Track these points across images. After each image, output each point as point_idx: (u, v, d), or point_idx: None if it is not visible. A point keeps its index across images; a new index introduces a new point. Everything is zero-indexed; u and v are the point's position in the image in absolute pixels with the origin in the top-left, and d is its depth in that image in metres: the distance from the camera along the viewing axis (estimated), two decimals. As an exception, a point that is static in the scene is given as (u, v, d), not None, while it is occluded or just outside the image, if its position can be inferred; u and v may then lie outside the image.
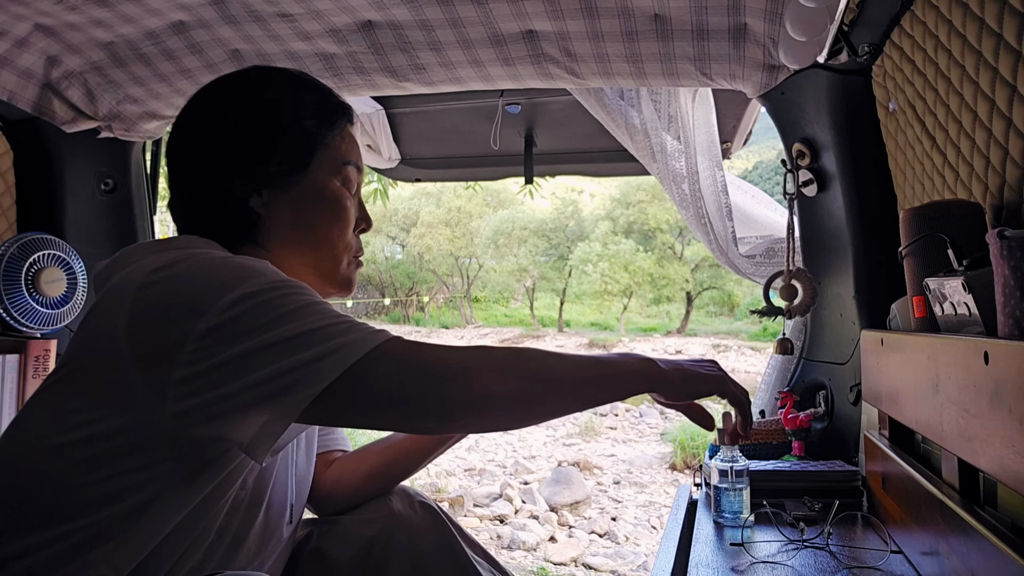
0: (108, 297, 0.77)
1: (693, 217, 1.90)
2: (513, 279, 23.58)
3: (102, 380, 0.72)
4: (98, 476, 0.71)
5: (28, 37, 1.56)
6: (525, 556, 4.28)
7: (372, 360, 0.71)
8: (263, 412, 0.71)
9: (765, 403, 1.84)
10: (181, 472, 0.74)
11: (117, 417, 0.72)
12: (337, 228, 0.93)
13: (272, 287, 0.73)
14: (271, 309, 0.71)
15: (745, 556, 1.10)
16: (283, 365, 0.69)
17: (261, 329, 0.70)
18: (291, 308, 0.72)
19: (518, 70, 1.61)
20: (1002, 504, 0.79)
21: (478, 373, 0.73)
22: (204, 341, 0.69)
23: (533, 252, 22.08)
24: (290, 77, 0.95)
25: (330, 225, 0.92)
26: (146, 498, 0.73)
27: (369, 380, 0.71)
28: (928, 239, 1.01)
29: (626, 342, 18.70)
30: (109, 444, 0.71)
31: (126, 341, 0.71)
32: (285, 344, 0.70)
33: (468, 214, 23.29)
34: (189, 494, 0.76)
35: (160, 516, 0.75)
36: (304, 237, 0.91)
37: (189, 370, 0.69)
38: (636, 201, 20.65)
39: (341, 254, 0.94)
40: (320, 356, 0.69)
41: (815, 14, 1.26)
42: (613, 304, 21.38)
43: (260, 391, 0.69)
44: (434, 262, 24.38)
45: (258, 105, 0.91)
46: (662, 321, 22.34)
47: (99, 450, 0.71)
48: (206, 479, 0.76)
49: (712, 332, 20.31)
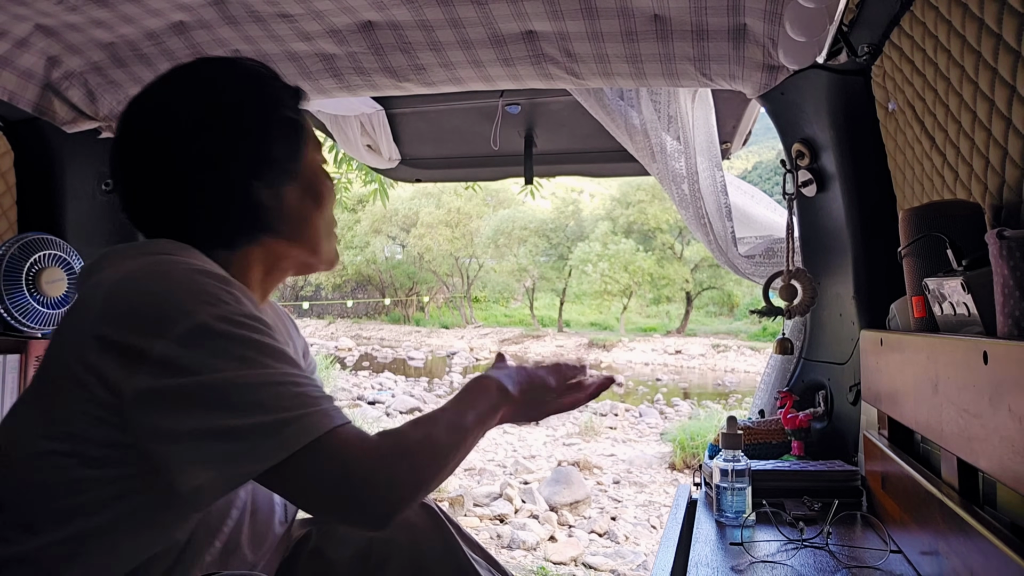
0: (81, 301, 0.77)
1: (693, 217, 1.90)
2: (513, 279, 23.58)
3: (71, 387, 0.72)
4: (75, 486, 0.72)
5: (29, 37, 1.56)
6: (525, 556, 4.28)
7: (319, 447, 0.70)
8: (208, 469, 0.70)
9: (765, 403, 1.84)
10: (148, 488, 0.74)
11: (87, 427, 0.72)
12: (325, 207, 0.96)
13: (234, 320, 0.73)
14: (232, 346, 0.71)
15: (745, 556, 1.10)
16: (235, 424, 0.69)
17: (219, 368, 0.70)
18: (251, 352, 0.72)
19: (518, 70, 1.61)
20: (1001, 504, 0.79)
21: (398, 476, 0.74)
22: (166, 358, 0.69)
23: (533, 252, 22.08)
24: (248, 66, 0.93)
25: (322, 204, 0.95)
26: (122, 511, 0.73)
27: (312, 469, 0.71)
28: (927, 239, 1.01)
29: (626, 342, 18.71)
30: (81, 454, 0.72)
31: (94, 347, 0.71)
32: (242, 394, 0.69)
33: (468, 214, 23.29)
34: (162, 510, 0.76)
35: (137, 531, 0.75)
36: (304, 221, 0.93)
37: (147, 385, 0.69)
38: (636, 201, 20.65)
39: (327, 228, 0.97)
40: (273, 428, 0.69)
41: (814, 14, 1.26)
42: (613, 304, 21.38)
43: (209, 449, 0.69)
44: (434, 262, 24.38)
45: (246, 98, 0.89)
46: (662, 321, 22.34)
47: (72, 459, 0.72)
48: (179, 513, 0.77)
49: (712, 332, 20.31)
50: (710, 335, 19.70)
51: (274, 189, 0.89)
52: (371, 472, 0.72)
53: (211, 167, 0.86)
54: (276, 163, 0.89)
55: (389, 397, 9.84)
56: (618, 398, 10.97)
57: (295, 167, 0.92)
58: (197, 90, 0.88)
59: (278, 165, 0.90)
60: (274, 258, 0.93)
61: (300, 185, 0.92)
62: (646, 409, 9.67)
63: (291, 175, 0.91)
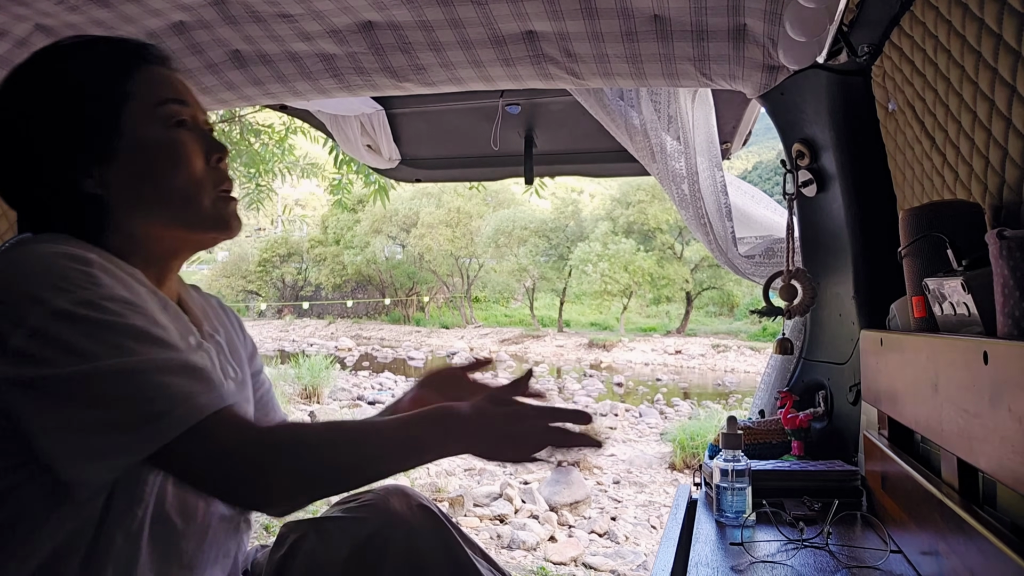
0: None
1: (693, 217, 1.90)
2: (513, 279, 23.57)
3: None
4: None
5: (29, 38, 1.56)
6: (525, 556, 4.28)
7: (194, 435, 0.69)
8: (85, 461, 0.69)
9: (765, 403, 1.84)
10: (44, 485, 0.72)
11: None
12: (177, 171, 0.86)
13: (96, 304, 0.71)
14: (96, 332, 0.69)
15: (745, 555, 1.10)
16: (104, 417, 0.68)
17: (82, 357, 0.68)
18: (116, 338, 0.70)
19: (518, 70, 1.61)
20: (1001, 504, 0.79)
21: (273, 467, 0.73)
22: (24, 350, 0.68)
23: (533, 252, 22.07)
24: (70, 45, 0.88)
25: (168, 171, 0.86)
26: (21, 499, 0.72)
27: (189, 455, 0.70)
28: (927, 239, 1.01)
29: (626, 342, 18.71)
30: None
31: None
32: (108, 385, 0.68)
33: (468, 214, 23.29)
34: (66, 510, 0.74)
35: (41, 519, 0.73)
36: (153, 196, 0.86)
37: (13, 375, 0.68)
38: (636, 201, 20.64)
39: (195, 194, 0.87)
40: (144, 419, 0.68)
41: (815, 15, 1.26)
42: (613, 304, 21.37)
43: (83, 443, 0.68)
44: (434, 262, 24.38)
45: (46, 87, 0.84)
46: (662, 321, 22.34)
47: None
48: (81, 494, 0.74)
49: (712, 332, 20.31)
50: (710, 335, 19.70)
51: (97, 177, 0.84)
52: (243, 459, 0.72)
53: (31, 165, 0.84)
54: (91, 150, 0.83)
55: (389, 397, 9.84)
56: (618, 398, 10.97)
57: (114, 146, 0.84)
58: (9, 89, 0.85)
59: (93, 151, 0.84)
60: (146, 240, 0.87)
61: (128, 164, 0.84)
62: (646, 409, 9.66)
63: (110, 158, 0.84)
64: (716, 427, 5.85)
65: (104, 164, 0.84)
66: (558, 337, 20.27)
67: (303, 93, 1.78)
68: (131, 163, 0.85)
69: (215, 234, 0.90)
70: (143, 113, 0.86)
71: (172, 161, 0.86)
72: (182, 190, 0.86)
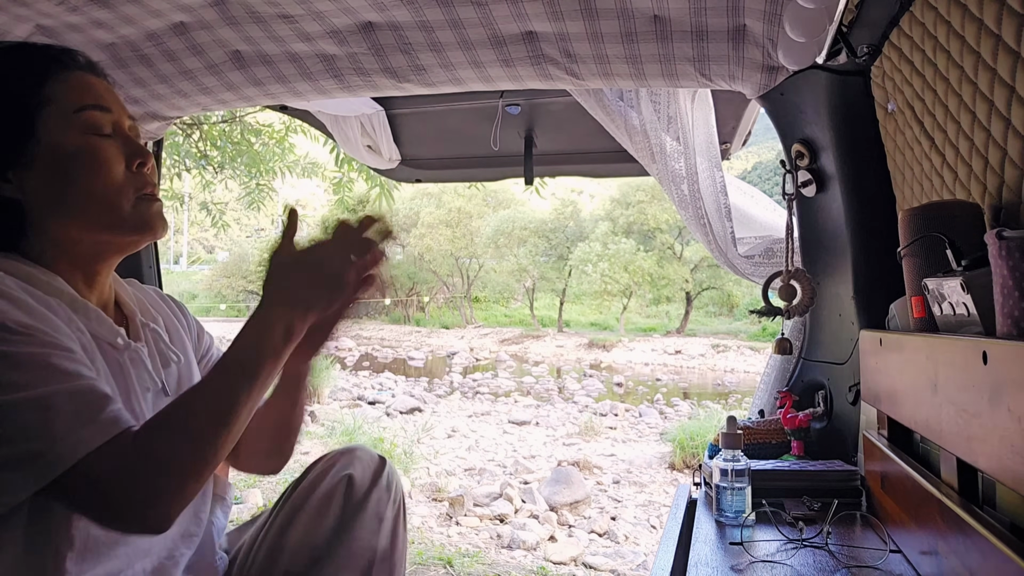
0: None
1: (692, 218, 1.90)
2: (513, 279, 23.57)
3: None
4: None
5: (29, 38, 1.56)
6: (525, 555, 4.28)
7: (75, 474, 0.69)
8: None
9: (764, 403, 1.84)
10: None
11: None
12: (94, 176, 0.86)
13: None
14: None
15: (744, 555, 1.10)
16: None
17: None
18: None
19: (518, 71, 1.62)
20: (1001, 504, 0.80)
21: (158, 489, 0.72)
22: None
23: (533, 252, 22.07)
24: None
25: (86, 177, 0.86)
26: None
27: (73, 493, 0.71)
28: (927, 239, 1.02)
29: (626, 342, 18.71)
30: None
31: None
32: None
33: (468, 214, 23.28)
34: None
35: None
36: (72, 201, 0.86)
37: None
38: (636, 201, 20.64)
39: (114, 198, 0.87)
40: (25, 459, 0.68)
41: (814, 15, 1.26)
42: (613, 304, 21.37)
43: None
44: (434, 262, 24.37)
45: None
46: (662, 321, 22.33)
47: None
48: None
49: (711, 332, 20.31)
50: (710, 335, 19.69)
51: (15, 182, 0.84)
52: (126, 487, 0.71)
53: None
54: (7, 154, 0.84)
55: (389, 397, 9.83)
56: (618, 398, 10.97)
57: (31, 152, 0.84)
58: None
59: (10, 156, 0.84)
60: (68, 244, 0.87)
61: (46, 170, 0.85)
62: (646, 409, 9.66)
63: (27, 163, 0.84)
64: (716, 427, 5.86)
65: (22, 169, 0.84)
66: (558, 337, 20.26)
67: (303, 94, 1.78)
68: (49, 168, 0.85)
69: (138, 236, 0.90)
70: (60, 119, 0.86)
71: (89, 167, 0.86)
72: (100, 195, 0.87)
